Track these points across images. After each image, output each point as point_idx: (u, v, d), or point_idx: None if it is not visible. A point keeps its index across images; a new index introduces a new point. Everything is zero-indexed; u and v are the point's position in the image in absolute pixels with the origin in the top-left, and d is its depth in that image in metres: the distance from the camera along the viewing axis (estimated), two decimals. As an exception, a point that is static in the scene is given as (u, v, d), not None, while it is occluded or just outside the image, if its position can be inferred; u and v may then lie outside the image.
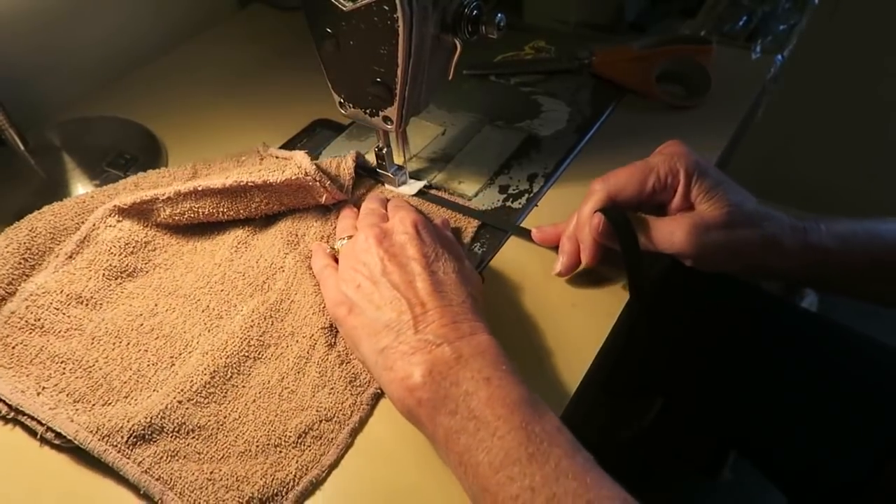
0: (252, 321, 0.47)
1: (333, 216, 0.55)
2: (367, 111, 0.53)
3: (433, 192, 0.59)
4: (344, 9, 0.46)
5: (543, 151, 0.63)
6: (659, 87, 0.68)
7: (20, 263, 0.49)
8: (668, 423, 0.95)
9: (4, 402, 0.43)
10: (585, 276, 0.51)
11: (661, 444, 0.99)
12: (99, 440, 0.40)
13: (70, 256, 0.50)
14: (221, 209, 0.53)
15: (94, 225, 0.51)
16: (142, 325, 0.48)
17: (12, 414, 0.43)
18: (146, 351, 0.46)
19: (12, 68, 0.67)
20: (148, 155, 0.65)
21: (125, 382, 0.44)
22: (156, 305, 0.49)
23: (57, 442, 0.41)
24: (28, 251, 0.50)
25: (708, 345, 0.64)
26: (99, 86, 0.75)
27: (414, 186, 0.59)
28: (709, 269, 0.49)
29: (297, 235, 0.54)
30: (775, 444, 0.60)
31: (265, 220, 0.55)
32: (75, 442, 0.40)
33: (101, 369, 0.45)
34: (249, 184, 0.52)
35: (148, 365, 0.45)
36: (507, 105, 0.69)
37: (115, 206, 0.52)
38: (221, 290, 0.50)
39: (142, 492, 0.39)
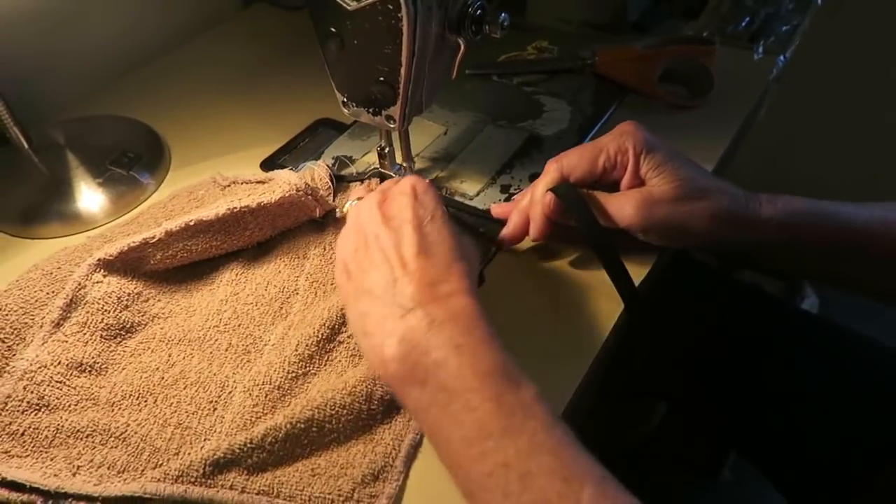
0: (286, 345, 0.46)
1: (331, 228, 0.54)
2: (370, 110, 0.53)
3: (435, 191, 0.59)
4: (348, 8, 0.46)
5: (545, 151, 0.63)
6: (661, 88, 0.68)
7: (0, 344, 0.45)
8: (668, 424, 0.95)
9: (40, 491, 0.39)
10: (585, 278, 0.51)
11: (661, 444, 1.00)
12: (172, 484, 0.37)
13: (57, 324, 0.45)
14: (215, 243, 0.50)
15: (79, 284, 0.47)
16: (162, 378, 0.45)
17: (51, 502, 0.39)
18: (179, 402, 0.43)
19: (16, 67, 0.67)
20: (151, 153, 0.65)
21: (170, 440, 0.41)
22: (169, 356, 0.46)
23: None
24: (2, 331, 0.45)
25: (708, 346, 0.64)
26: (103, 84, 0.75)
27: (416, 185, 0.59)
28: (663, 244, 0.50)
29: (299, 256, 0.52)
30: (775, 444, 0.61)
31: (257, 248, 0.53)
32: (145, 495, 0.37)
33: (136, 433, 0.41)
34: (243, 209, 0.49)
35: (187, 416, 0.43)
36: (509, 105, 0.69)
37: (99, 259, 0.48)
38: (239, 325, 0.48)
39: None
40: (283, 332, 0.47)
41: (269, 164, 0.63)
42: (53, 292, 0.47)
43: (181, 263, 0.50)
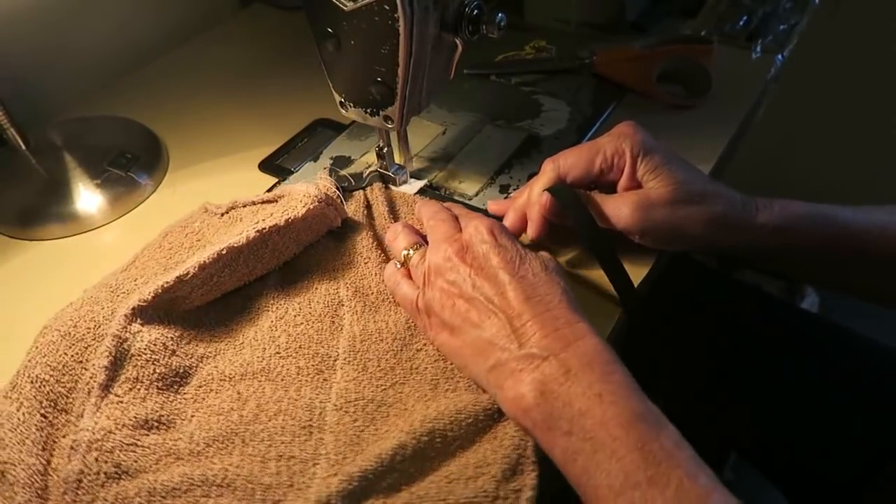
0: (360, 359, 0.45)
1: (348, 234, 0.53)
2: (368, 111, 0.53)
3: (434, 191, 0.59)
4: (345, 8, 0.46)
5: (544, 151, 0.63)
6: (659, 87, 0.68)
7: (43, 420, 0.41)
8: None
9: None
10: (583, 278, 0.51)
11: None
12: None
13: (105, 386, 0.42)
14: (245, 269, 0.49)
15: (119, 338, 0.43)
16: (241, 416, 0.42)
17: None
18: (270, 435, 0.41)
19: (14, 68, 0.67)
20: (149, 154, 0.65)
21: (277, 473, 0.39)
22: (238, 393, 0.44)
23: None
24: (42, 405, 0.41)
25: (707, 346, 0.64)
26: (100, 85, 0.75)
27: (415, 186, 0.59)
28: (659, 247, 0.50)
29: (328, 269, 0.51)
30: (775, 444, 0.60)
31: (282, 269, 0.51)
32: None
33: (238, 476, 0.39)
34: (272, 229, 0.48)
35: (285, 446, 0.41)
36: (507, 104, 0.69)
37: (133, 308, 0.44)
38: (300, 348, 0.46)
39: None
40: (349, 344, 0.46)
41: (267, 165, 0.63)
42: (79, 353, 0.44)
43: (213, 297, 0.48)
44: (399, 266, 0.48)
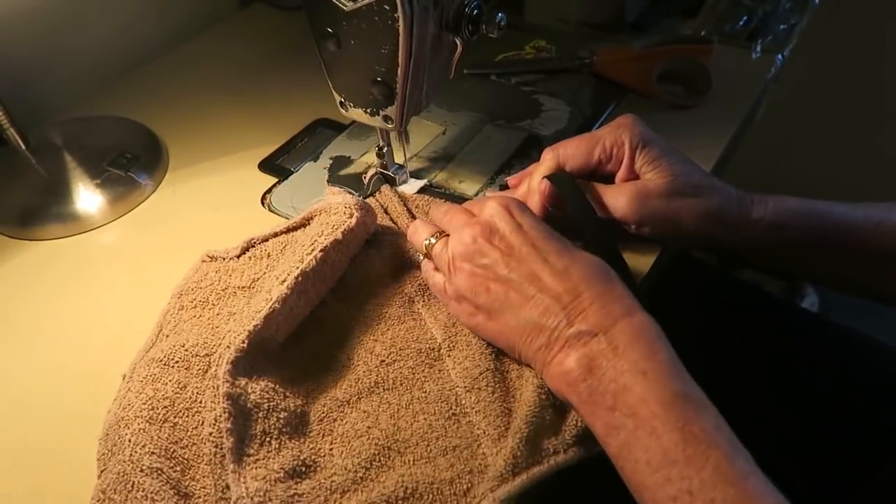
0: (461, 340, 0.45)
1: (388, 240, 0.53)
2: (368, 110, 0.53)
3: (434, 190, 0.59)
4: (345, 8, 0.46)
5: (544, 151, 0.63)
6: (659, 87, 0.68)
7: None
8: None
9: None
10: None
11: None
12: (511, 481, 0.38)
13: (237, 451, 0.39)
14: (312, 294, 0.47)
15: (232, 398, 0.41)
16: (382, 432, 0.42)
17: None
18: (422, 438, 0.41)
19: (14, 68, 0.67)
20: (149, 154, 0.65)
21: (451, 466, 0.40)
22: (365, 413, 0.43)
23: None
24: (172, 496, 0.39)
25: (707, 345, 0.64)
26: (100, 85, 0.75)
27: (415, 185, 0.59)
28: (654, 238, 0.50)
29: (382, 275, 0.51)
30: (774, 444, 0.61)
31: (333, 291, 0.50)
32: None
33: (419, 482, 0.39)
34: (333, 244, 0.47)
35: (442, 440, 0.41)
36: (507, 104, 0.69)
37: (232, 363, 0.41)
38: (400, 350, 0.46)
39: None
40: (444, 331, 0.46)
41: (267, 165, 0.63)
42: (169, 435, 0.41)
43: (290, 331, 0.46)
44: (422, 258, 0.49)
